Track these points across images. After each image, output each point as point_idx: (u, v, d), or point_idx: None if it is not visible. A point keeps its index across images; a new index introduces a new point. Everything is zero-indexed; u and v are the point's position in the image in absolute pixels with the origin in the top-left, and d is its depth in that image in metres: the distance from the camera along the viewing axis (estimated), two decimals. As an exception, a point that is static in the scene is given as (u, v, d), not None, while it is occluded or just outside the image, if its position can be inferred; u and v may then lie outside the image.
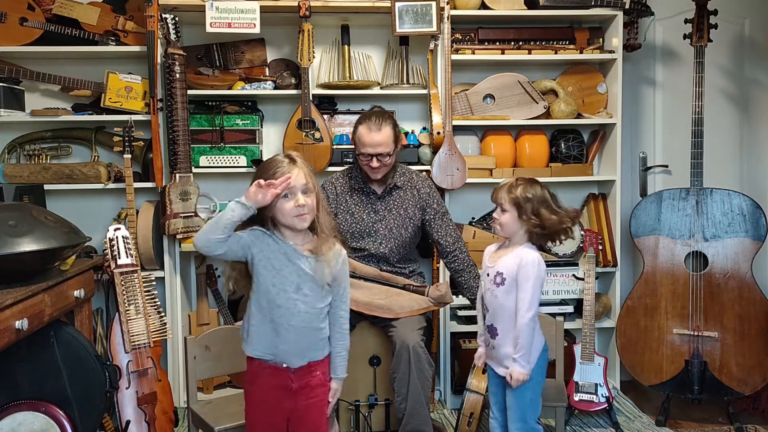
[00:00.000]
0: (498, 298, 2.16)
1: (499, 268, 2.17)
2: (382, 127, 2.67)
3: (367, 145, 2.67)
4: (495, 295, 2.16)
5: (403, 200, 2.79)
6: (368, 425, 2.75)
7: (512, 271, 2.13)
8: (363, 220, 2.78)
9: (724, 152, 3.59)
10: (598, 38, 3.37)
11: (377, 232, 2.77)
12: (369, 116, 2.73)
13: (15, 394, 2.28)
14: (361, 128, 2.70)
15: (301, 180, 1.86)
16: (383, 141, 2.66)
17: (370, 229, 2.77)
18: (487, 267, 2.24)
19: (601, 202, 3.44)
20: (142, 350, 2.65)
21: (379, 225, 2.77)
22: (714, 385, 2.98)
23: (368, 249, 2.77)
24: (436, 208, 2.82)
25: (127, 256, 2.68)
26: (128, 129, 2.99)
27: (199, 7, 3.02)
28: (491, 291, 2.18)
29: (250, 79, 3.23)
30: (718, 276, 3.00)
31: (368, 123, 2.69)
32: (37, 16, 3.05)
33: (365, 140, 2.67)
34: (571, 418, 3.03)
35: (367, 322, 2.74)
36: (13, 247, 2.02)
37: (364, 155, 2.69)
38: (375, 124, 2.68)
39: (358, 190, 2.80)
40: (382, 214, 2.78)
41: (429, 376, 2.58)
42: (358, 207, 2.79)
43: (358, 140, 2.70)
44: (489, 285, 2.19)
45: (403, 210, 2.78)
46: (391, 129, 2.71)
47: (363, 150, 2.69)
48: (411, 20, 3.13)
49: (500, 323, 2.17)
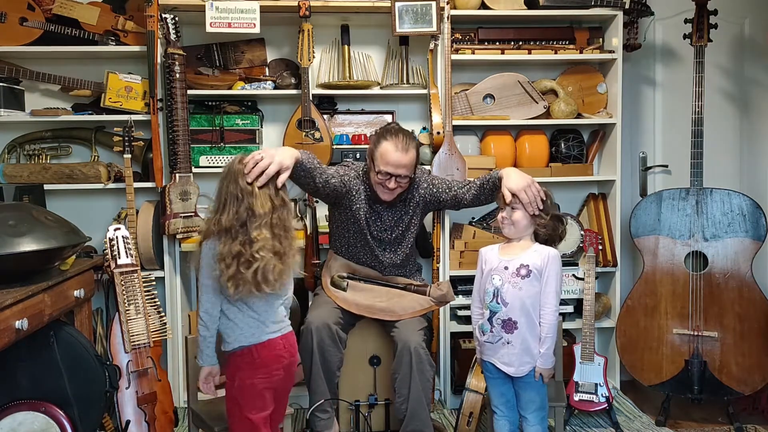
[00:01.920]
0: (523, 290, 2.21)
1: (521, 260, 2.23)
2: (409, 150, 2.52)
3: (390, 164, 2.50)
4: (519, 287, 2.21)
5: (407, 209, 2.74)
6: (368, 425, 2.75)
7: (537, 264, 2.22)
8: (369, 227, 2.71)
9: (724, 152, 3.60)
10: (598, 38, 3.38)
11: (383, 240, 2.74)
12: (396, 133, 2.54)
13: (15, 394, 2.28)
14: (387, 145, 2.51)
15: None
16: (408, 164, 2.53)
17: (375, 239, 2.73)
18: (503, 261, 2.27)
19: (601, 202, 3.44)
20: (142, 350, 2.64)
21: (384, 234, 2.73)
22: (714, 385, 2.98)
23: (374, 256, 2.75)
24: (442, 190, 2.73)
25: (127, 256, 2.68)
26: (128, 129, 2.99)
27: (199, 7, 3.03)
28: (513, 283, 2.22)
29: (250, 79, 3.23)
30: (718, 276, 3.00)
31: (395, 141, 2.50)
32: (37, 16, 3.05)
33: (390, 159, 2.49)
34: (571, 418, 3.03)
35: (368, 321, 2.74)
36: (13, 247, 2.02)
37: (383, 174, 2.53)
38: (403, 144, 2.50)
39: (367, 197, 2.70)
40: (389, 224, 2.73)
41: (430, 377, 2.58)
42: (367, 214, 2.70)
43: (381, 157, 2.51)
44: (510, 278, 2.23)
45: (408, 217, 2.75)
46: (416, 152, 2.57)
47: (384, 168, 2.52)
48: (411, 20, 3.13)
49: (522, 316, 2.22)
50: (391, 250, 2.76)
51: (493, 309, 2.27)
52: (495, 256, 2.32)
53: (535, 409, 2.28)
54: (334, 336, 2.58)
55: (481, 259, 2.37)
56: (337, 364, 2.62)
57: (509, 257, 2.28)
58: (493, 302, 2.27)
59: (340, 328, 2.62)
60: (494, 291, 2.27)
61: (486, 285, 2.30)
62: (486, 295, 2.30)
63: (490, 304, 2.28)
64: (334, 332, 2.58)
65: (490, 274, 2.29)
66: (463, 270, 3.24)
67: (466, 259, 3.24)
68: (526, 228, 2.28)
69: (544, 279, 2.22)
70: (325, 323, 2.57)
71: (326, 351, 2.57)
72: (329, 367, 2.59)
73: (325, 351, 2.56)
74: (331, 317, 2.60)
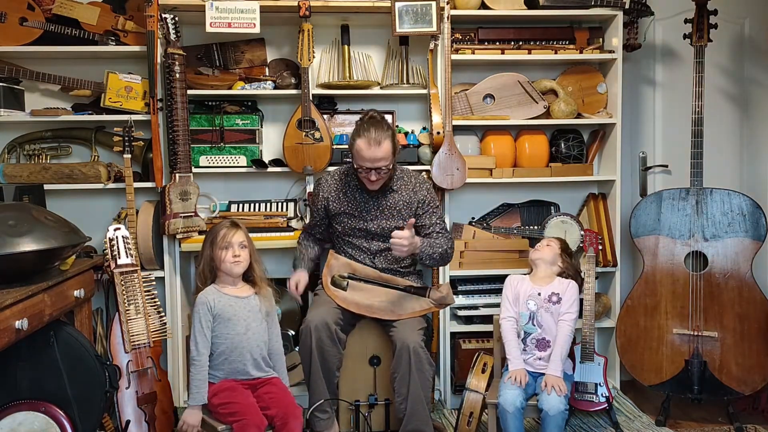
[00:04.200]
0: (553, 314, 2.67)
1: (553, 289, 2.71)
2: (382, 143, 2.58)
3: (366, 160, 2.60)
4: (551, 312, 2.67)
5: (396, 201, 2.78)
6: (368, 425, 2.75)
7: (564, 292, 2.70)
8: (355, 217, 2.78)
9: (724, 152, 3.60)
10: (598, 38, 3.37)
11: (369, 230, 2.78)
12: (367, 128, 2.60)
13: (15, 394, 2.28)
14: (360, 142, 2.59)
15: (238, 238, 2.50)
16: (383, 155, 2.60)
17: (363, 227, 2.77)
18: (534, 289, 2.73)
19: (601, 202, 3.44)
20: (142, 350, 2.65)
21: (371, 224, 2.77)
22: (714, 384, 2.98)
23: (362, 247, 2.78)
24: (430, 204, 2.81)
25: (127, 256, 2.68)
26: (128, 129, 2.99)
27: (199, 7, 3.02)
28: (546, 308, 2.68)
29: (250, 79, 3.23)
30: (717, 276, 3.00)
31: (367, 137, 2.58)
32: (37, 16, 3.05)
33: (364, 155, 2.59)
34: (571, 418, 3.03)
35: (368, 321, 2.74)
36: (13, 247, 2.02)
37: (363, 168, 2.64)
38: (374, 139, 2.57)
39: (352, 188, 2.80)
40: (374, 213, 2.78)
41: (429, 377, 2.58)
42: (351, 205, 2.79)
43: (357, 154, 2.62)
44: (543, 303, 2.69)
45: (396, 211, 2.77)
46: (390, 142, 2.62)
47: (362, 164, 2.63)
48: (411, 20, 3.13)
49: (551, 334, 2.67)
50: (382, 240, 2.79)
51: (528, 330, 2.67)
52: (525, 287, 2.74)
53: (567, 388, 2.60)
54: (333, 336, 2.58)
55: (509, 285, 2.79)
56: (337, 364, 2.62)
57: (539, 287, 2.73)
58: (529, 324, 2.68)
59: (339, 328, 2.62)
60: (530, 315, 2.68)
61: (521, 309, 2.71)
62: (521, 318, 2.70)
63: (526, 326, 2.68)
64: (333, 332, 2.58)
65: (525, 300, 2.71)
66: (464, 270, 3.24)
67: (467, 260, 3.24)
68: (550, 263, 2.77)
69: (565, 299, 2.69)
70: (324, 323, 2.57)
71: (325, 351, 2.57)
72: (328, 367, 2.59)
73: (324, 351, 2.56)
74: (330, 317, 2.60)
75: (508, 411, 2.46)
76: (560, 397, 2.47)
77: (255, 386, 2.44)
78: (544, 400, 2.50)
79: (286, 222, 3.17)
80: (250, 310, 2.49)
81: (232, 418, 2.27)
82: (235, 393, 2.35)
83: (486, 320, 3.17)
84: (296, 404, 2.42)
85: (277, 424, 2.34)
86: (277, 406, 2.37)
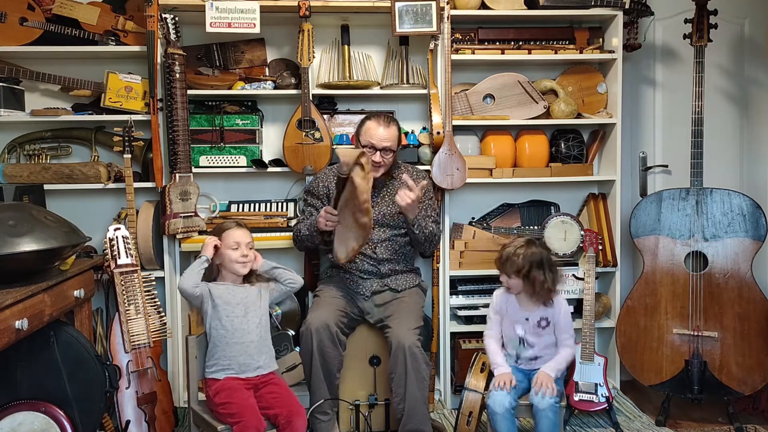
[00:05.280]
0: (544, 337, 2.58)
1: (541, 314, 2.58)
2: (390, 125, 2.82)
3: (374, 137, 2.77)
4: (541, 335, 2.58)
5: (396, 188, 2.80)
6: (368, 425, 2.75)
7: (554, 316, 2.58)
8: None
9: (724, 152, 3.59)
10: (598, 38, 3.37)
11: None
12: (377, 114, 2.89)
13: (15, 394, 2.28)
14: (370, 122, 2.82)
15: (246, 238, 2.54)
16: (390, 137, 2.79)
17: None
18: (523, 313, 2.59)
19: (601, 202, 3.44)
20: (142, 350, 2.65)
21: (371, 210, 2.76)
22: (714, 385, 2.98)
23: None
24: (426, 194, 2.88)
25: (127, 256, 2.68)
26: (128, 129, 2.99)
27: (199, 7, 3.03)
28: (537, 333, 2.58)
29: (250, 79, 3.23)
30: (717, 276, 3.00)
31: (377, 119, 2.83)
32: (37, 16, 3.05)
33: (373, 132, 2.78)
34: (571, 418, 3.03)
35: (365, 324, 2.74)
36: (13, 247, 2.02)
37: (368, 147, 2.77)
38: (384, 121, 2.82)
39: None
40: (375, 200, 2.80)
41: (426, 376, 2.58)
42: None
43: (365, 132, 2.80)
44: (533, 329, 2.58)
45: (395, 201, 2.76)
46: (397, 129, 2.86)
47: (369, 141, 2.78)
48: (411, 20, 3.13)
49: (544, 352, 2.59)
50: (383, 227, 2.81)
51: (519, 352, 2.60)
52: (514, 308, 2.61)
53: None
54: (334, 338, 2.58)
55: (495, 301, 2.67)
56: (337, 366, 2.62)
57: (528, 311, 2.59)
58: (520, 346, 2.60)
59: (340, 330, 2.62)
60: (519, 339, 2.59)
61: (509, 332, 2.61)
62: (512, 341, 2.61)
63: (518, 347, 2.60)
64: (334, 334, 2.58)
65: (513, 323, 2.60)
66: (463, 270, 3.24)
67: (466, 260, 3.24)
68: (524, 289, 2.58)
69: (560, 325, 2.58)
70: (325, 325, 2.57)
71: (326, 353, 2.57)
72: (329, 369, 2.59)
73: (324, 352, 2.56)
74: (331, 319, 2.60)
75: (497, 412, 2.44)
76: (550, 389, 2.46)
77: (257, 386, 2.43)
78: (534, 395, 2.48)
79: (286, 222, 3.17)
80: (248, 296, 2.51)
81: (232, 419, 2.27)
82: (235, 393, 2.34)
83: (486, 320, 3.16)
84: (300, 404, 2.41)
85: (281, 423, 2.33)
86: (281, 405, 2.36)
